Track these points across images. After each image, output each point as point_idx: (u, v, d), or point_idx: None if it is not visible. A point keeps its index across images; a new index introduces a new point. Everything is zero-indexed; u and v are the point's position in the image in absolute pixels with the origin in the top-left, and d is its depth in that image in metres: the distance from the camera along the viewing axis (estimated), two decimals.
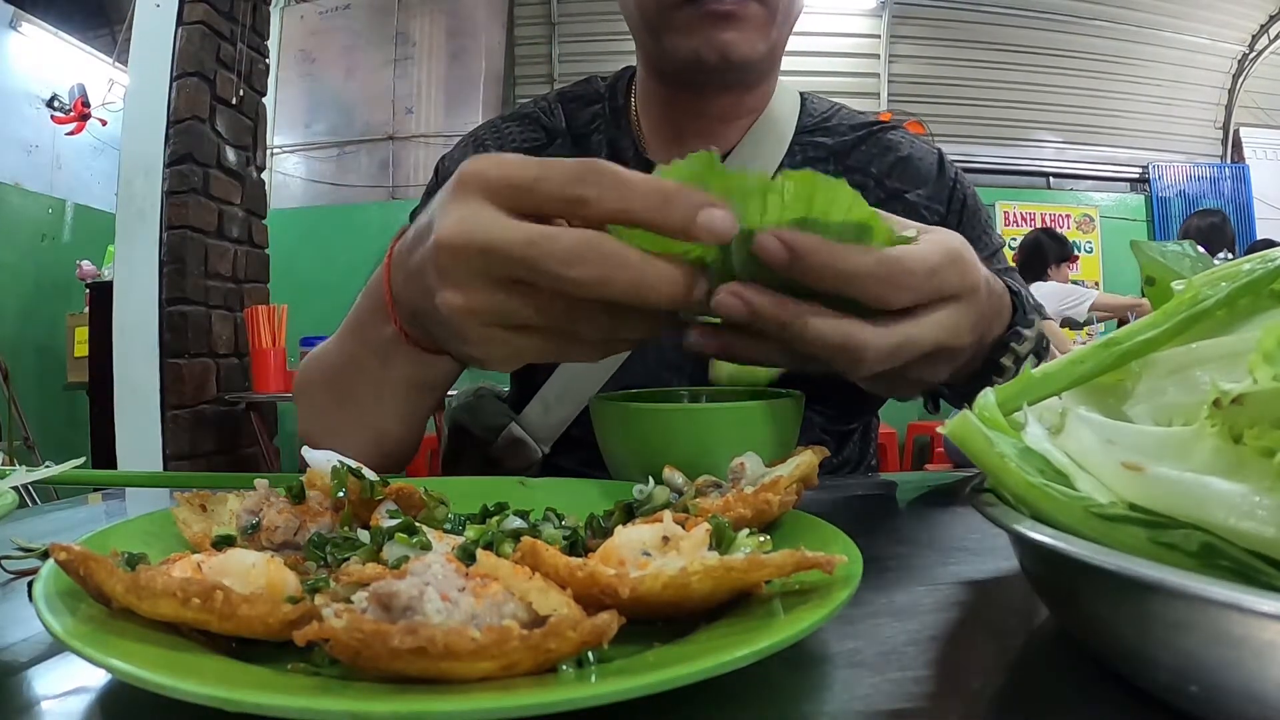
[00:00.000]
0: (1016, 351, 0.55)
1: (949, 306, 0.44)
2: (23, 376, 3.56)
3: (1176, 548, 0.22)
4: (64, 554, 0.26)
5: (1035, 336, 0.56)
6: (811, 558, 0.26)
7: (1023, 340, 0.55)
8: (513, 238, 0.38)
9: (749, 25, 0.71)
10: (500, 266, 0.39)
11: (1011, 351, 0.55)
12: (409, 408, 0.60)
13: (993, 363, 0.55)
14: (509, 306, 0.40)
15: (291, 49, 4.69)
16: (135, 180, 2.91)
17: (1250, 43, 5.09)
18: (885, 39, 4.92)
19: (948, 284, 0.43)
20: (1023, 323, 0.56)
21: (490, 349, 0.43)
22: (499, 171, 0.40)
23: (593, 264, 0.37)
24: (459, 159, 0.86)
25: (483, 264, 0.40)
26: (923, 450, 4.26)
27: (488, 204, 0.39)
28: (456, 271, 0.40)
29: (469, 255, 0.40)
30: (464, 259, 0.40)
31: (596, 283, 0.38)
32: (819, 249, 0.38)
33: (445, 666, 0.21)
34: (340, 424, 0.48)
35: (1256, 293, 0.29)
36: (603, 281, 0.38)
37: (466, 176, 0.40)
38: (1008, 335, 0.55)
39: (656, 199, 0.37)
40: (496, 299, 0.40)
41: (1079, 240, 4.93)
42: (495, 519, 0.37)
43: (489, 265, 0.39)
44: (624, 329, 0.41)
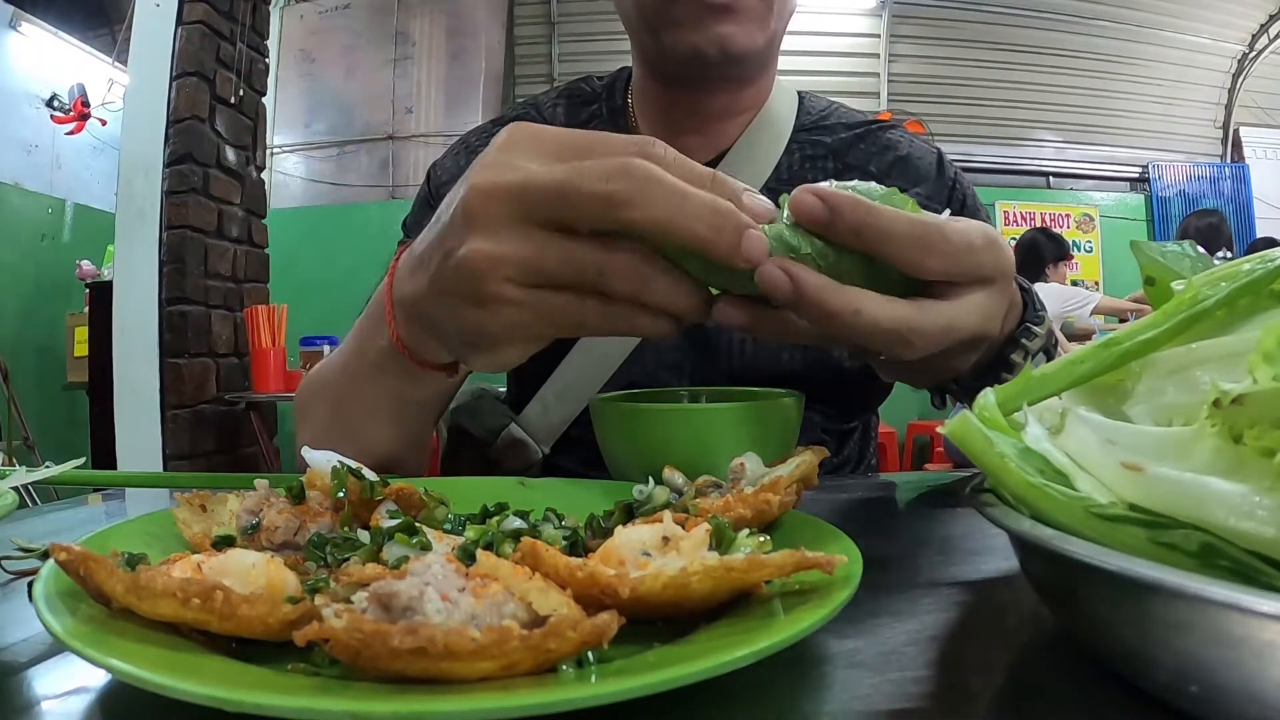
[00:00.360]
0: (1028, 347, 0.55)
1: (985, 290, 0.43)
2: (23, 376, 3.55)
3: (1176, 548, 0.22)
4: (64, 554, 0.26)
5: (1045, 333, 0.56)
6: (811, 558, 0.26)
7: (1034, 336, 0.55)
8: (551, 169, 0.38)
9: (747, 17, 0.71)
10: (536, 207, 0.38)
11: (1023, 347, 0.54)
12: (401, 427, 0.59)
13: (1004, 358, 0.55)
14: (539, 252, 0.38)
15: (291, 48, 4.69)
16: (135, 180, 2.91)
17: (1250, 42, 5.09)
18: (885, 38, 4.92)
19: (985, 262, 0.42)
20: (1033, 319, 0.56)
21: (507, 311, 0.40)
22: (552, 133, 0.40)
23: (633, 180, 0.36)
24: (450, 166, 0.86)
25: (515, 207, 0.38)
26: (923, 450, 4.26)
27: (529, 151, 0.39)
28: (488, 216, 0.38)
29: (504, 197, 0.38)
30: (498, 201, 0.38)
31: (636, 203, 0.36)
32: (856, 206, 0.38)
33: (445, 666, 0.21)
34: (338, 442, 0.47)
35: (1256, 293, 0.29)
36: (642, 201, 0.36)
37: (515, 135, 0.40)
38: (1019, 331, 0.55)
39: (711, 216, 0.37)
40: (527, 245, 0.38)
41: (1079, 240, 4.93)
42: (495, 519, 0.37)
43: (523, 207, 0.38)
44: (652, 289, 0.39)
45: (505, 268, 0.39)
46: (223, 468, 3.08)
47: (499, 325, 0.41)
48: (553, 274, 0.39)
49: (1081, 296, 3.71)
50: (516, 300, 0.40)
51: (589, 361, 0.78)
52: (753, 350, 0.78)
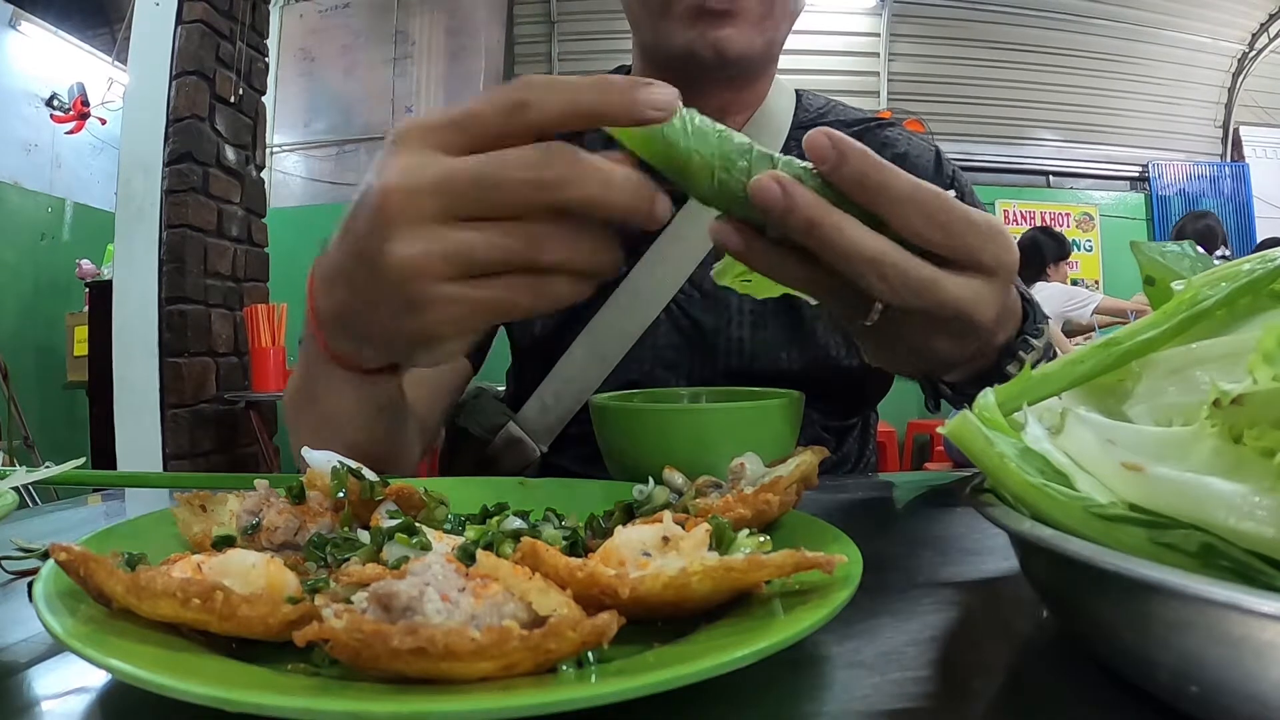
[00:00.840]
0: (1024, 360, 0.54)
1: (980, 277, 0.43)
2: (22, 376, 3.55)
3: (1176, 548, 0.22)
4: (64, 554, 0.26)
5: (1044, 347, 0.55)
6: (811, 558, 0.26)
7: (1031, 349, 0.54)
8: (469, 165, 0.37)
9: (744, 21, 0.71)
10: (458, 201, 0.37)
11: (1019, 360, 0.54)
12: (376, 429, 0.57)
13: (999, 370, 0.54)
14: (466, 244, 0.37)
15: (291, 47, 4.69)
16: (134, 179, 2.91)
17: (1250, 41, 5.09)
18: (885, 37, 4.92)
19: (984, 249, 0.42)
20: (1032, 331, 0.55)
21: (444, 310, 0.39)
22: (431, 117, 0.38)
23: (557, 164, 0.36)
24: None
25: (437, 204, 0.37)
26: (922, 449, 4.26)
27: (427, 149, 0.38)
28: (406, 218, 0.37)
29: (420, 197, 0.37)
30: (415, 202, 0.37)
31: (563, 182, 0.36)
32: (865, 155, 0.38)
33: (445, 667, 0.21)
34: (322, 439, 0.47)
35: (1256, 293, 0.29)
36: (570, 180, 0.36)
37: (398, 133, 0.39)
38: (1017, 343, 0.54)
39: (595, 88, 0.36)
40: (452, 239, 0.37)
41: (1079, 239, 4.93)
42: (495, 519, 0.37)
43: (445, 204, 0.37)
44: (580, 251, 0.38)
45: (434, 266, 0.38)
46: (222, 467, 3.08)
47: (435, 324, 0.40)
48: (484, 262, 0.38)
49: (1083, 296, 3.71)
50: (450, 297, 0.39)
51: (587, 361, 0.78)
52: (751, 349, 0.78)
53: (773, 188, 0.38)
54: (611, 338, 0.77)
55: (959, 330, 0.45)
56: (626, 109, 0.36)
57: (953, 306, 0.42)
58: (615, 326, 0.77)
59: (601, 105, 0.36)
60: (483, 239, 0.37)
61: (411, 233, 0.37)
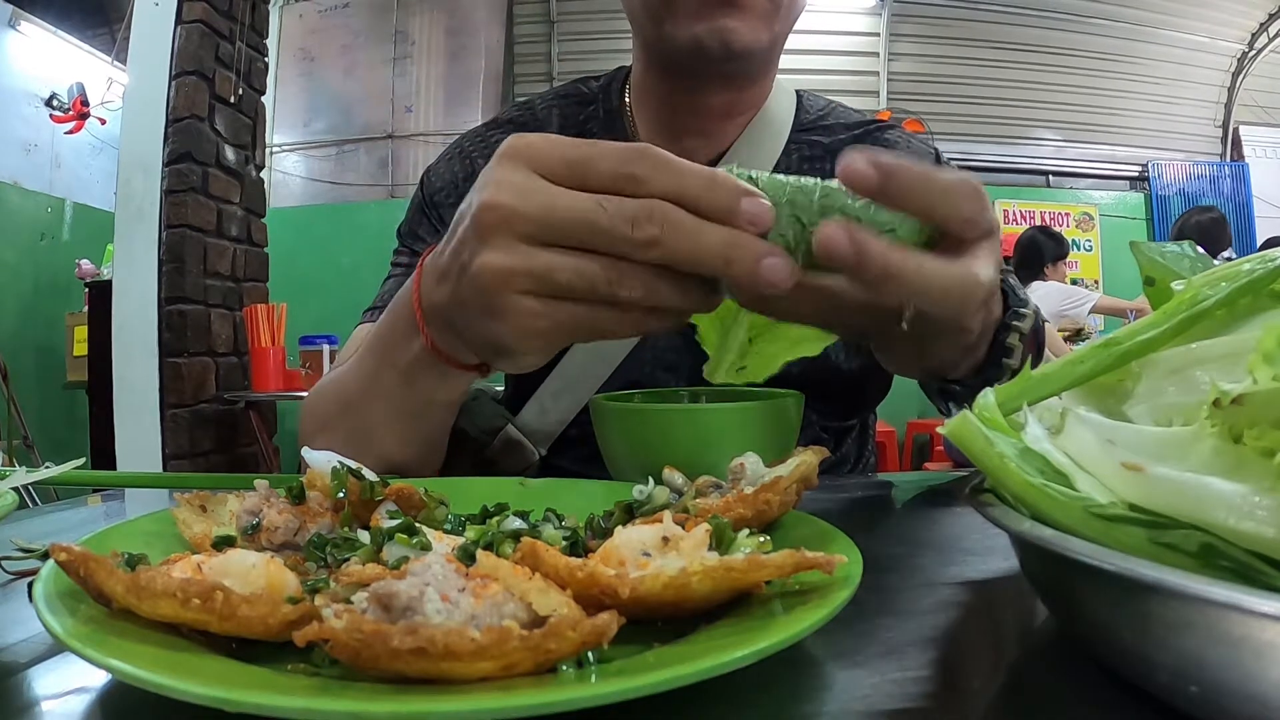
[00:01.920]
0: (1020, 329, 0.55)
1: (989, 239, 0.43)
2: (22, 376, 3.55)
3: (1176, 548, 0.22)
4: (64, 555, 0.26)
5: (1033, 311, 0.57)
6: (811, 558, 0.26)
7: (1023, 317, 0.56)
8: (573, 203, 0.39)
9: (753, 14, 0.70)
10: (552, 232, 0.39)
11: (1015, 329, 0.55)
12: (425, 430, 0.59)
13: (999, 343, 0.55)
14: (551, 265, 0.39)
15: (290, 47, 4.69)
16: (134, 179, 2.90)
17: (1250, 41, 5.09)
18: (885, 37, 4.92)
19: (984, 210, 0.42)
20: (1017, 303, 0.57)
21: (522, 322, 0.41)
22: (549, 145, 0.40)
23: (655, 223, 0.38)
24: (444, 172, 0.85)
25: (532, 229, 0.39)
26: (922, 449, 4.26)
27: (535, 175, 0.39)
28: (500, 233, 0.40)
29: (518, 218, 0.39)
30: (512, 221, 0.39)
31: (659, 244, 0.38)
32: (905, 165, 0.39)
33: (445, 667, 0.21)
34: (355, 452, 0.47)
35: (1256, 293, 0.29)
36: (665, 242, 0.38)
37: (516, 147, 0.40)
38: (1007, 316, 0.56)
39: (705, 180, 0.38)
40: (539, 259, 0.39)
41: (1078, 239, 4.93)
42: (495, 519, 0.37)
43: (539, 230, 0.39)
44: (660, 294, 0.40)
45: (518, 280, 0.40)
46: (222, 467, 3.08)
47: (515, 334, 0.42)
48: (565, 286, 0.40)
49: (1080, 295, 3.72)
50: (530, 311, 0.40)
51: (587, 362, 0.78)
52: None
53: (840, 238, 0.38)
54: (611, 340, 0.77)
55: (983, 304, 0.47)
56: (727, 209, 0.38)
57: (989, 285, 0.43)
58: None
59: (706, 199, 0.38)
60: (568, 264, 0.39)
61: (503, 246, 0.40)
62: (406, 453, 0.59)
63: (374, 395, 0.58)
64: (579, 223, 0.38)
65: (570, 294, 0.40)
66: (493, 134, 0.86)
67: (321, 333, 3.19)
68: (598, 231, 0.38)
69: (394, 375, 0.55)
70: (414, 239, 0.84)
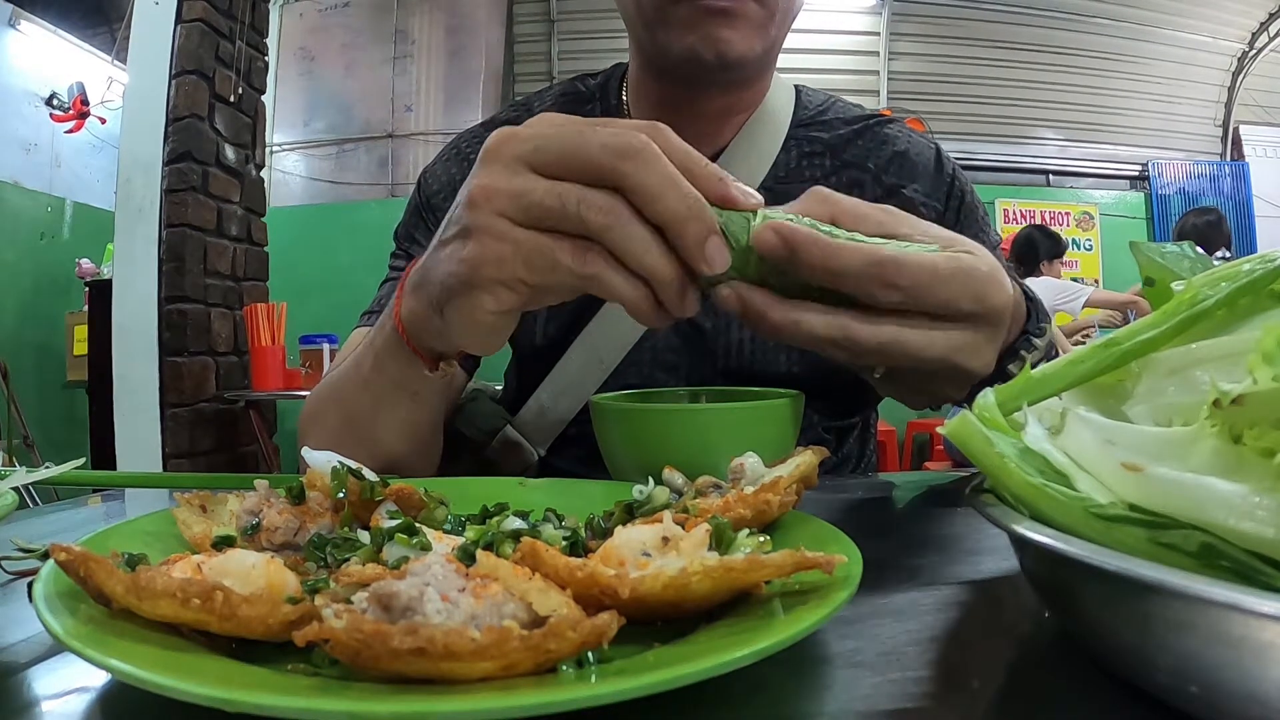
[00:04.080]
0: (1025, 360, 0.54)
1: (966, 326, 0.44)
2: (22, 375, 3.55)
3: (1176, 548, 0.22)
4: (64, 555, 0.26)
5: (1045, 346, 0.56)
6: (811, 558, 0.26)
7: (1033, 349, 0.55)
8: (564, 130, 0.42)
9: (746, 24, 0.70)
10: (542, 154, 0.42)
11: (1021, 360, 0.54)
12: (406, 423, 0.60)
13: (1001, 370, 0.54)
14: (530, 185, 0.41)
15: (290, 47, 4.68)
16: (134, 178, 2.90)
17: (1250, 40, 5.08)
18: (885, 36, 4.92)
19: (959, 299, 0.43)
20: (1034, 330, 0.55)
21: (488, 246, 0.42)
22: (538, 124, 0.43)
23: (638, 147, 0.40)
24: (441, 173, 0.85)
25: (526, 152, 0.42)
26: (922, 448, 4.26)
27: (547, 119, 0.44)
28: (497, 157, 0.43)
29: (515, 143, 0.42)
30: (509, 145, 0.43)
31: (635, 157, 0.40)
32: (815, 243, 0.41)
33: (445, 667, 0.21)
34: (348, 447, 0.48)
35: (1256, 293, 0.29)
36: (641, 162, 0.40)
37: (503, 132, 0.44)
38: (1019, 342, 0.55)
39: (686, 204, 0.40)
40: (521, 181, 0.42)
41: (1078, 238, 4.93)
42: (495, 519, 0.37)
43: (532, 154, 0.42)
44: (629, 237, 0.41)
45: (498, 199, 0.42)
46: (222, 466, 3.08)
47: (479, 260, 0.43)
48: (539, 206, 0.41)
49: (1073, 290, 3.71)
50: (500, 233, 0.42)
51: (586, 363, 0.78)
52: (749, 351, 0.78)
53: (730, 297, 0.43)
54: (610, 341, 0.77)
55: (958, 378, 0.48)
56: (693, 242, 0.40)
57: (939, 362, 0.44)
58: (614, 330, 0.77)
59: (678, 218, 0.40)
60: (545, 184, 0.41)
61: (492, 169, 0.43)
62: (393, 444, 0.60)
63: (357, 382, 0.60)
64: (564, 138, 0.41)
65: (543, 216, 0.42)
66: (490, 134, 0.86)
67: (321, 332, 3.19)
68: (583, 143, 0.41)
69: (370, 359, 0.58)
70: (410, 241, 0.84)
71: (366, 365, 0.58)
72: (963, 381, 0.49)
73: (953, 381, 0.48)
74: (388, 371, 0.57)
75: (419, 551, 0.30)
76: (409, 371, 0.55)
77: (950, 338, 0.44)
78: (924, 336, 0.43)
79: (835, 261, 0.41)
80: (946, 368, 0.45)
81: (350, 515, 0.36)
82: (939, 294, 0.42)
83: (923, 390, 0.51)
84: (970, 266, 0.43)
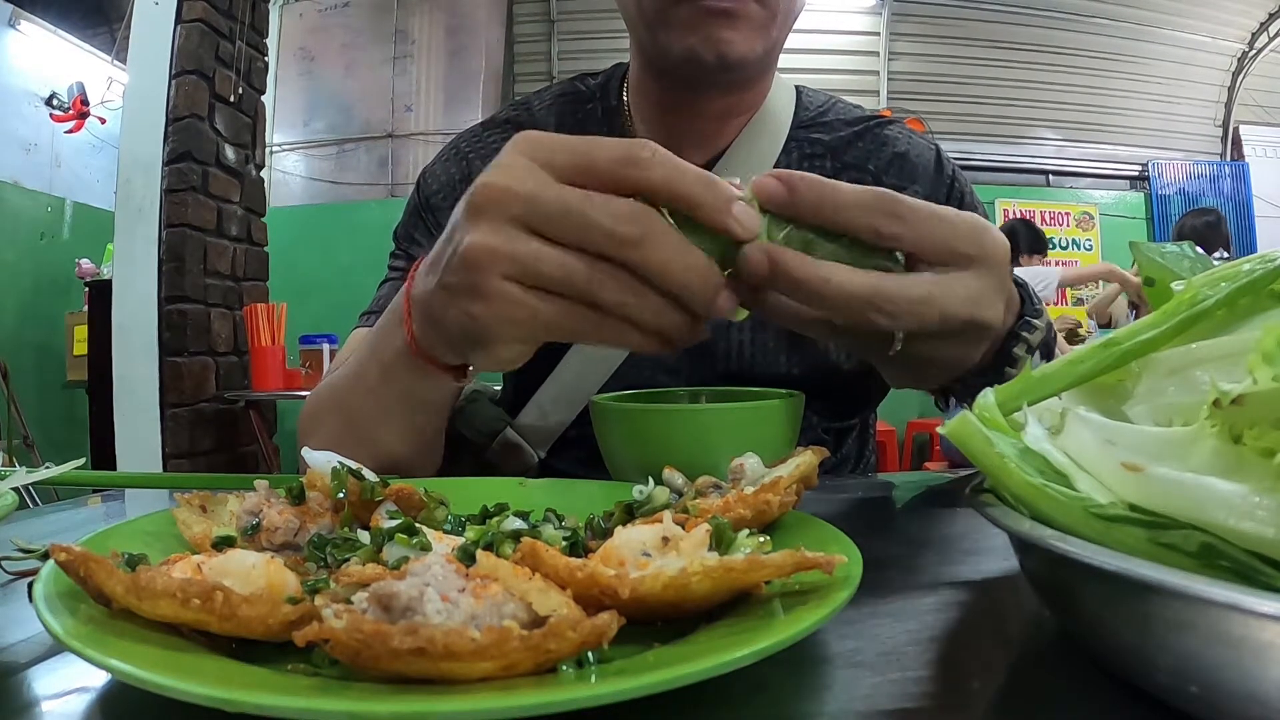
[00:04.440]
0: (1029, 340, 0.55)
1: (971, 270, 0.44)
2: (22, 375, 3.55)
3: (1176, 548, 0.22)
4: (64, 555, 0.26)
5: (1045, 325, 0.56)
6: (811, 558, 0.26)
7: (1034, 330, 0.55)
8: (563, 192, 0.39)
9: (747, 25, 0.70)
10: (540, 218, 0.40)
11: (1024, 340, 0.54)
12: (411, 429, 0.60)
13: (1006, 352, 0.55)
14: (534, 253, 0.40)
15: (290, 47, 4.68)
16: (134, 178, 2.90)
17: (1250, 40, 5.08)
18: (885, 36, 4.92)
19: (959, 236, 0.43)
20: (1031, 312, 0.55)
21: (501, 308, 0.41)
22: (553, 139, 0.41)
23: (640, 225, 0.39)
24: (440, 173, 0.85)
25: (521, 210, 0.40)
26: (922, 448, 4.26)
27: (536, 164, 0.40)
28: (492, 213, 0.40)
29: (510, 199, 0.40)
30: (504, 202, 0.40)
31: (638, 242, 0.39)
32: (812, 181, 0.41)
33: (445, 667, 0.21)
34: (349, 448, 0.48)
35: (1256, 293, 0.29)
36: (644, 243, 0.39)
37: (518, 141, 0.41)
38: (1019, 325, 0.55)
39: (703, 180, 0.39)
40: (527, 245, 0.40)
41: (1078, 238, 4.94)
42: (495, 520, 0.37)
43: (528, 213, 0.40)
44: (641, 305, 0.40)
45: (503, 263, 0.40)
46: (222, 466, 3.08)
47: (494, 320, 0.42)
48: (547, 277, 0.40)
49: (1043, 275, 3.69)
50: (511, 298, 0.41)
51: (586, 365, 0.78)
52: (750, 353, 0.78)
53: (759, 257, 0.41)
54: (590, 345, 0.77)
55: (974, 334, 0.47)
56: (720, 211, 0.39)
57: (959, 313, 0.44)
58: None
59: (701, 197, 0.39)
60: (551, 254, 0.40)
61: (491, 226, 0.40)
62: (395, 448, 0.60)
63: (360, 390, 0.59)
64: (569, 211, 0.39)
65: (552, 286, 0.40)
66: (490, 134, 0.85)
67: (321, 332, 3.19)
68: (585, 225, 0.39)
69: (376, 369, 0.57)
70: (410, 242, 0.84)
71: (372, 376, 0.57)
72: (981, 337, 0.48)
73: (970, 340, 0.48)
74: (398, 383, 0.56)
75: (419, 551, 0.30)
76: (423, 384, 0.55)
77: (968, 286, 0.44)
78: (952, 290, 0.43)
79: (837, 195, 0.41)
80: (967, 325, 0.45)
81: (350, 515, 0.36)
82: (938, 230, 0.43)
83: (933, 360, 0.49)
84: (979, 219, 0.44)
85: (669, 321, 0.41)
